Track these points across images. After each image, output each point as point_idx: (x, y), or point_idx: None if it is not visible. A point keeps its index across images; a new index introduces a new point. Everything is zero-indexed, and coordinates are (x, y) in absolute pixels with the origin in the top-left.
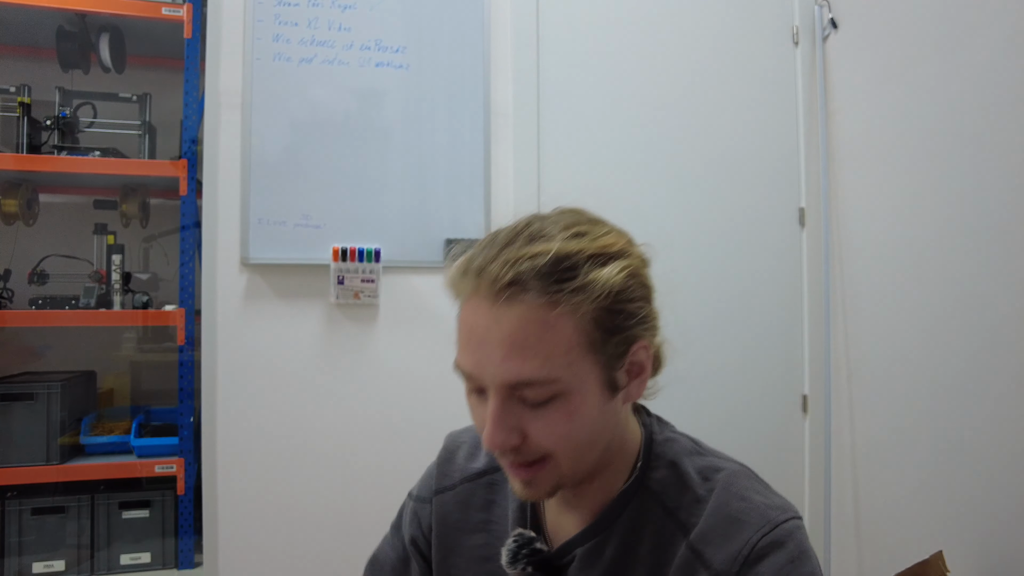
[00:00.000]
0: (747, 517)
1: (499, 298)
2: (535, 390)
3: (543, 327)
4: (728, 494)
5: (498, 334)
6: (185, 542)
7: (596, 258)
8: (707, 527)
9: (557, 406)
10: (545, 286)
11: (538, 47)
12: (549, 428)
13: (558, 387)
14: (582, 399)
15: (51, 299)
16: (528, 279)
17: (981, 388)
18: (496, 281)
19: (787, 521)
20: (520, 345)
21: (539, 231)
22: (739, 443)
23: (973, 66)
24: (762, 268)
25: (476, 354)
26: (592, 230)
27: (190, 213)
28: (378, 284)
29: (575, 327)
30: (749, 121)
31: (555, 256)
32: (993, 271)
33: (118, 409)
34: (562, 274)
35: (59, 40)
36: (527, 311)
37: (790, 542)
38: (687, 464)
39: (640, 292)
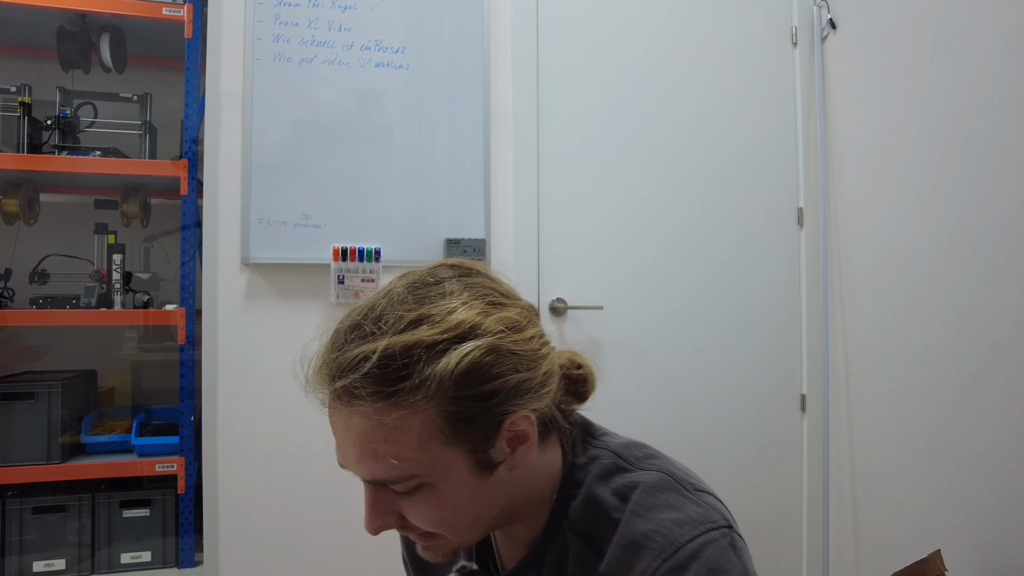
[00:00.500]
0: (649, 543)
1: (340, 403)
2: (397, 485)
3: (387, 431)
4: (636, 517)
5: (350, 437)
6: (186, 541)
7: (434, 347)
8: (613, 557)
9: (425, 495)
10: (376, 390)
11: (538, 48)
12: (423, 515)
13: (419, 480)
14: (450, 487)
15: (52, 298)
16: (358, 387)
17: (979, 388)
18: (332, 386)
19: (695, 539)
20: (369, 449)
21: (375, 323)
22: (738, 442)
23: (971, 66)
24: (761, 268)
25: (340, 451)
26: (436, 312)
27: (191, 213)
28: (378, 284)
29: (422, 424)
30: (748, 121)
31: (380, 357)
32: (992, 271)
33: (119, 408)
34: (393, 374)
35: (60, 40)
36: (367, 418)
37: (694, 564)
38: (603, 488)
39: (505, 365)
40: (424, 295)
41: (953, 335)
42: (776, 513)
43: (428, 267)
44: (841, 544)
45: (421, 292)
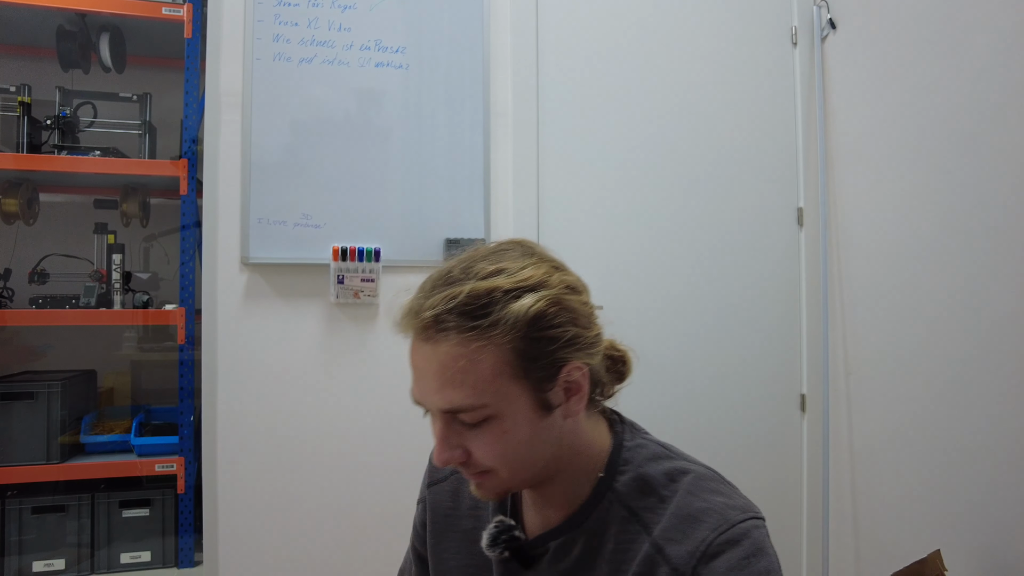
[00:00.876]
0: (706, 517)
1: (427, 337)
2: (468, 415)
3: (466, 360)
4: (691, 495)
5: (431, 368)
6: (185, 541)
7: (510, 293)
8: (669, 525)
9: (491, 427)
10: (462, 324)
11: (538, 47)
12: (486, 447)
13: (488, 411)
14: (513, 421)
15: (51, 298)
16: (446, 319)
17: (979, 387)
18: (422, 322)
19: (744, 521)
20: (448, 377)
21: (461, 273)
22: (737, 442)
23: (971, 66)
24: (760, 268)
25: (418, 385)
26: (511, 267)
27: (190, 213)
28: (378, 283)
29: (496, 357)
30: (748, 121)
31: (468, 296)
32: (991, 271)
33: (118, 408)
34: (477, 311)
35: (59, 40)
36: (450, 347)
37: (745, 540)
38: (653, 468)
39: (565, 317)
40: (500, 256)
41: (953, 335)
42: (776, 513)
43: (498, 241)
44: (841, 544)
45: (497, 254)
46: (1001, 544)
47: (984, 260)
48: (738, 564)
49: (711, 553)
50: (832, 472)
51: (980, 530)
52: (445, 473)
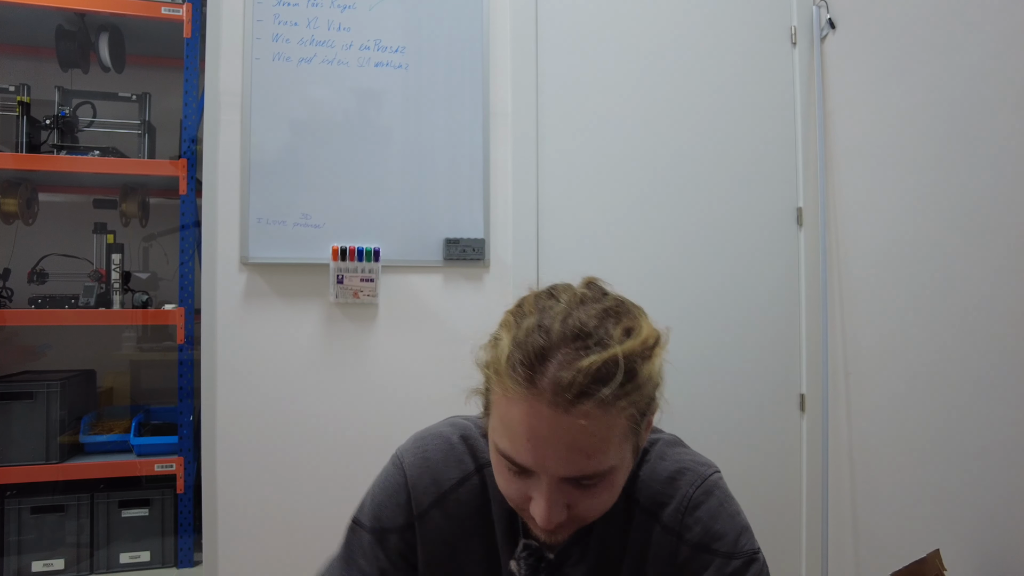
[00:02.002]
0: (682, 475)
1: (563, 405)
2: (590, 480)
3: (604, 428)
4: (665, 460)
5: (562, 437)
6: (184, 541)
7: (643, 355)
8: (653, 492)
9: (605, 485)
10: (610, 393)
11: (537, 47)
12: (595, 503)
13: (608, 475)
14: (623, 473)
15: (51, 298)
16: (595, 389)
17: (978, 387)
18: (562, 390)
19: (712, 474)
20: (583, 447)
21: (596, 333)
22: (737, 442)
23: (971, 66)
24: (760, 268)
25: (536, 452)
26: (634, 322)
27: (190, 212)
28: (377, 283)
29: (627, 420)
30: (747, 121)
31: (621, 364)
32: (990, 270)
33: (118, 408)
34: (624, 379)
35: (58, 39)
36: (592, 418)
37: (717, 489)
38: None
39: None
40: (613, 309)
41: (952, 335)
42: (775, 512)
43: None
44: (840, 544)
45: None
46: (1000, 544)
47: (983, 260)
48: (717, 510)
49: (693, 505)
50: (831, 472)
51: (979, 530)
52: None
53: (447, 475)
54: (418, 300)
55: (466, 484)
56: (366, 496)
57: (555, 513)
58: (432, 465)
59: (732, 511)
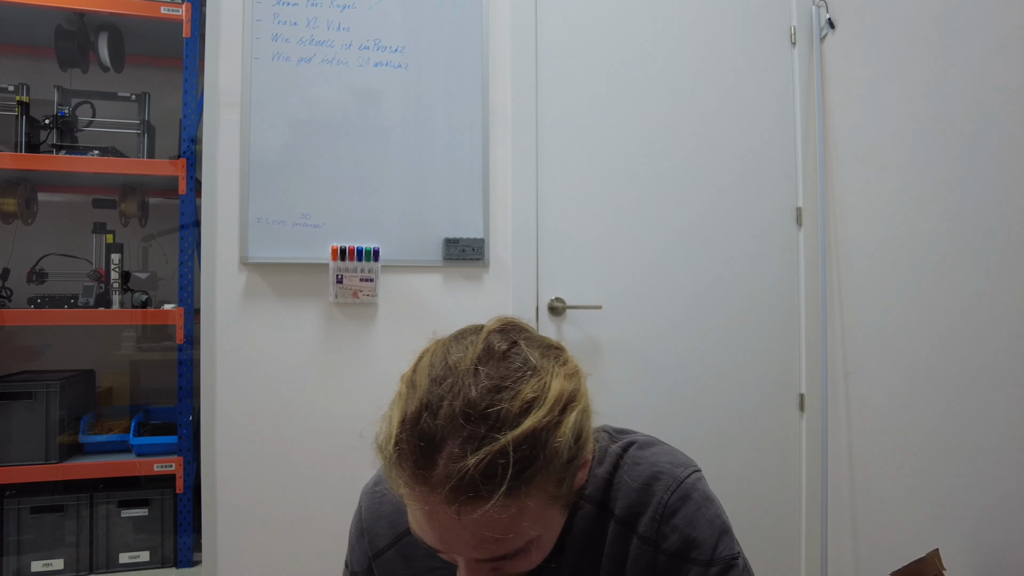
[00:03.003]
0: (655, 481)
1: (460, 509)
2: (512, 556)
3: (513, 514)
4: (638, 466)
5: (466, 531)
6: (184, 540)
7: (548, 426)
8: (628, 501)
9: (531, 550)
10: (512, 485)
11: (537, 47)
12: (522, 565)
13: (532, 543)
14: (551, 534)
15: (50, 298)
16: (489, 489)
17: (978, 387)
18: (453, 491)
19: (689, 476)
20: (492, 537)
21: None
22: (736, 442)
23: (970, 66)
24: (759, 268)
25: (444, 543)
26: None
27: (189, 212)
28: (377, 283)
29: (541, 496)
30: (747, 121)
31: (516, 449)
32: (990, 270)
33: (117, 408)
34: (526, 461)
35: (58, 39)
36: (492, 510)
37: (694, 493)
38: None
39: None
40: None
41: (952, 335)
42: (774, 512)
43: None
44: (839, 543)
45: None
46: (999, 544)
47: (983, 259)
48: (694, 516)
49: (669, 512)
50: (831, 472)
51: (979, 530)
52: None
53: (404, 516)
54: (417, 300)
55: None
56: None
57: None
58: (386, 508)
59: (711, 515)
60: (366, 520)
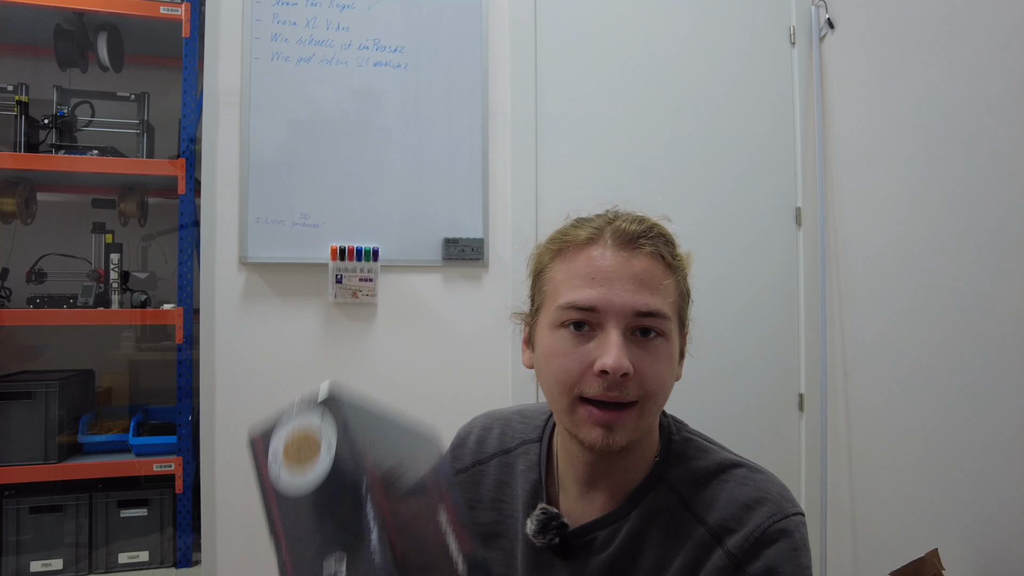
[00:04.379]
0: (760, 505)
1: (629, 245)
2: (654, 321)
3: (663, 275)
4: (746, 486)
5: (629, 272)
6: (183, 540)
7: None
8: (726, 514)
9: (661, 346)
10: (663, 246)
11: (536, 47)
12: (655, 365)
13: (667, 327)
14: (673, 348)
15: (49, 298)
16: (652, 236)
17: (977, 387)
18: (626, 232)
19: (796, 515)
20: (648, 283)
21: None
22: (736, 441)
23: (970, 66)
24: (759, 267)
25: (604, 288)
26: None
27: (188, 212)
28: (376, 283)
29: (676, 288)
30: (746, 121)
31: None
32: (989, 270)
33: (116, 408)
34: (671, 244)
35: (57, 38)
36: (652, 259)
37: (796, 533)
38: (704, 459)
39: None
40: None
41: (951, 334)
42: None
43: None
44: (839, 543)
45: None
46: (998, 543)
47: (982, 259)
48: (787, 555)
49: (766, 540)
50: (830, 472)
51: (978, 529)
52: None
53: (483, 448)
54: (417, 300)
55: (495, 459)
56: None
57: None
58: (474, 437)
59: (803, 563)
60: (454, 444)
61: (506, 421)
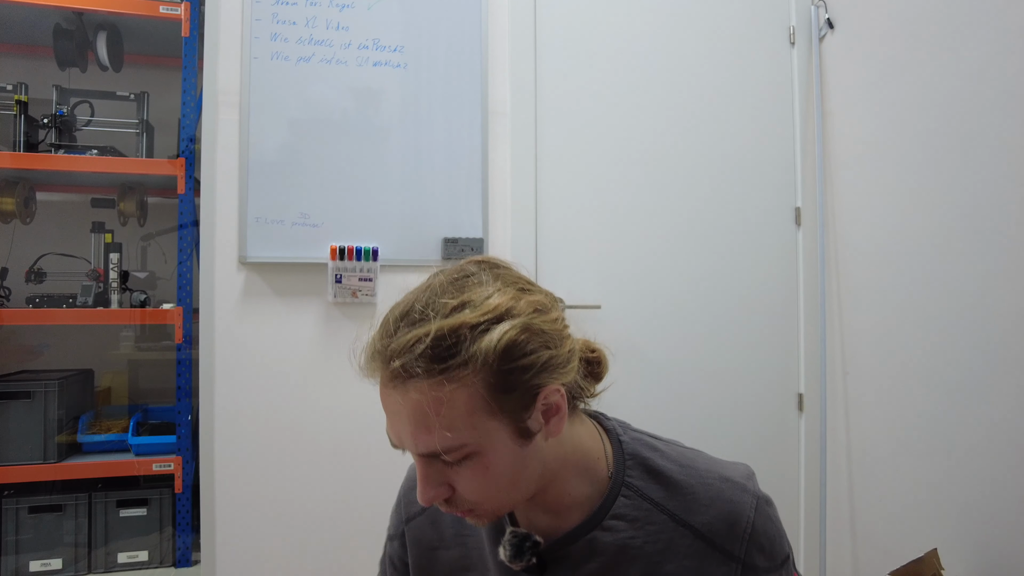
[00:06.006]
0: (738, 498)
1: (395, 383)
2: (448, 455)
3: (438, 403)
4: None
5: (403, 412)
6: (183, 540)
7: (478, 327)
8: (711, 517)
9: (473, 464)
10: (430, 367)
11: (535, 47)
12: (470, 483)
13: (468, 449)
14: (495, 455)
15: (49, 297)
16: (413, 364)
17: (976, 386)
18: (389, 369)
19: (756, 488)
20: (422, 421)
21: (424, 310)
22: (735, 441)
23: (969, 66)
24: (758, 267)
25: (393, 428)
26: (475, 297)
27: (188, 211)
28: (376, 283)
29: (469, 396)
30: (746, 121)
31: (434, 338)
32: (988, 270)
33: (116, 407)
34: (445, 352)
35: (56, 38)
36: (421, 392)
37: (767, 506)
38: (659, 459)
39: (536, 342)
40: (462, 285)
41: (950, 334)
42: None
43: (460, 263)
44: (838, 543)
45: (459, 283)
46: (998, 543)
47: (981, 259)
48: (770, 527)
49: (755, 531)
50: (829, 471)
51: (977, 529)
52: (418, 508)
53: None
54: None
55: None
56: None
57: (427, 490)
58: None
59: (775, 515)
60: (404, 487)
61: None
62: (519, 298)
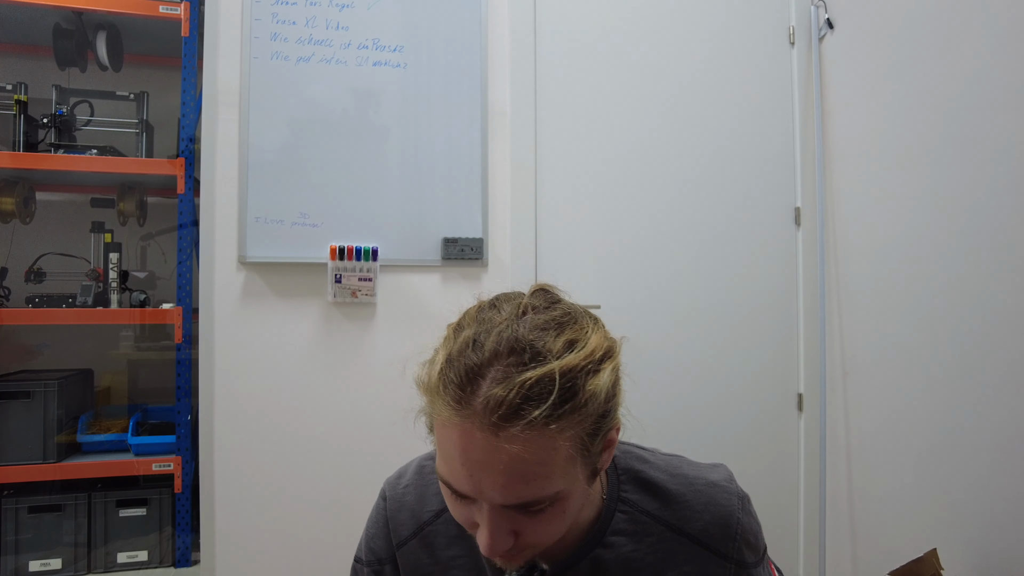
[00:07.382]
0: (726, 501)
1: (495, 428)
2: (536, 505)
3: (543, 452)
4: (698, 490)
5: (498, 463)
6: (182, 540)
7: (588, 368)
8: (706, 523)
9: (553, 511)
10: (548, 412)
11: (535, 47)
12: (543, 529)
13: (557, 498)
14: (574, 498)
15: (48, 297)
16: (528, 410)
17: (975, 386)
18: (492, 412)
19: (737, 487)
20: (520, 473)
21: (533, 347)
22: (735, 441)
23: (968, 66)
24: (758, 267)
25: (472, 479)
26: (579, 334)
27: (187, 211)
28: (375, 283)
29: (572, 440)
30: (745, 121)
31: (557, 382)
32: (987, 269)
33: (115, 407)
34: (563, 395)
35: (56, 38)
36: (529, 440)
37: (747, 502)
38: (649, 470)
39: (619, 381)
40: (557, 320)
41: (950, 334)
42: (772, 512)
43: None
44: (838, 543)
45: (551, 317)
46: (997, 543)
47: (980, 259)
48: (752, 523)
49: (743, 529)
50: (829, 471)
51: (976, 529)
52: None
53: (425, 508)
54: (416, 300)
55: (443, 516)
56: (362, 534)
57: (498, 542)
58: (410, 498)
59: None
60: (391, 509)
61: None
62: (605, 334)
